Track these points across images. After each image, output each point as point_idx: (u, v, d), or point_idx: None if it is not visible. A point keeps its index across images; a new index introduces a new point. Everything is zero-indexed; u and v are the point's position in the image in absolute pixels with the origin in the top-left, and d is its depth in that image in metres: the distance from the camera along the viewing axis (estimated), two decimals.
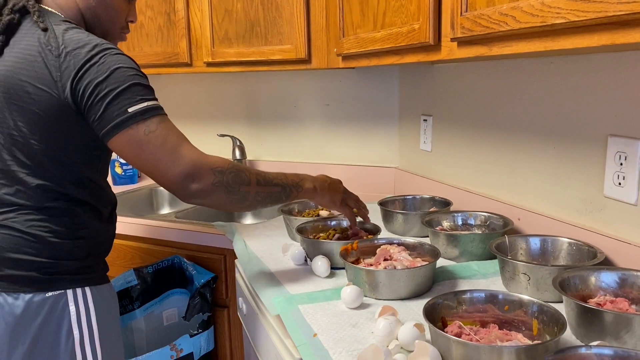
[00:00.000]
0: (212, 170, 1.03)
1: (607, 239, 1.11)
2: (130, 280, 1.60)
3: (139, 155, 1.01)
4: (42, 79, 1.01)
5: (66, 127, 1.05)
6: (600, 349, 0.71)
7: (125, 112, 1.00)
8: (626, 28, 0.68)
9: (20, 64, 1.03)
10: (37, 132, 1.04)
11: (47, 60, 1.02)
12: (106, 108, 1.00)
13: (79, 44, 1.02)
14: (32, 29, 1.06)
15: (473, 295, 0.92)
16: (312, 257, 1.26)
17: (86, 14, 1.16)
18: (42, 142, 1.05)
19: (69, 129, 1.05)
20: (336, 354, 0.87)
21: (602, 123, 1.13)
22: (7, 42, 1.07)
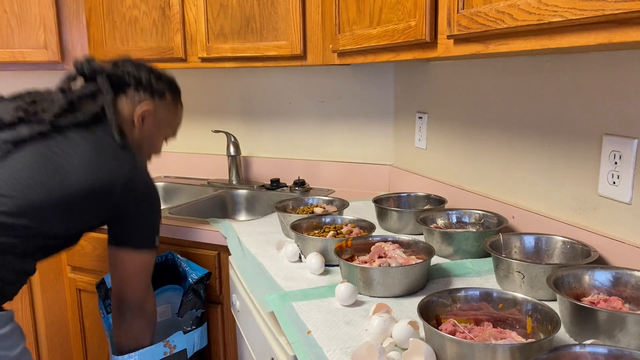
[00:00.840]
0: (153, 310, 1.39)
1: (601, 238, 1.12)
2: None
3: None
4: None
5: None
6: (594, 347, 0.72)
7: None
8: (623, 27, 0.68)
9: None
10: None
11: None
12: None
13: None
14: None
15: (467, 293, 0.92)
16: (307, 254, 1.26)
17: (135, 142, 1.34)
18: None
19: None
20: (330, 351, 0.86)
21: (597, 122, 1.13)
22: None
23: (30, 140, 1.17)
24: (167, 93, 1.41)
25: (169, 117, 1.43)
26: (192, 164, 2.43)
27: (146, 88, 1.35)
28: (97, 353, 1.91)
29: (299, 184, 2.12)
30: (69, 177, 1.16)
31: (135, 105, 1.33)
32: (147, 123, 1.36)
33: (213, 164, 2.39)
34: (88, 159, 1.19)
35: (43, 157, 1.16)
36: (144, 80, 1.34)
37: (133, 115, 1.33)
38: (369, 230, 1.35)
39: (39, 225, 1.15)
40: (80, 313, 1.93)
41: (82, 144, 1.20)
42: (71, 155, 1.17)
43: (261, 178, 2.30)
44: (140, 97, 1.34)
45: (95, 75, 1.29)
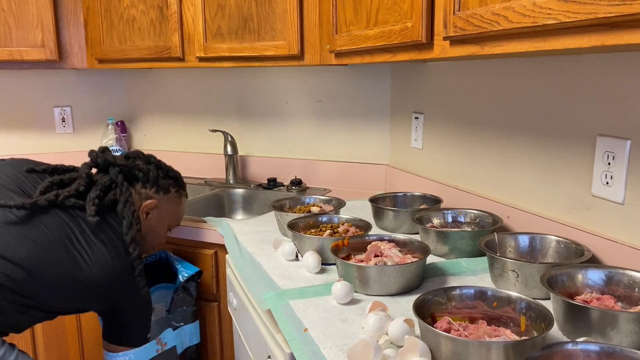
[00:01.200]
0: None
1: (594, 238, 1.13)
2: None
3: None
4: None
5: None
6: (586, 345, 0.73)
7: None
8: (616, 30, 0.69)
9: None
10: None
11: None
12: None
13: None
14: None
15: (462, 291, 0.93)
16: (303, 252, 1.27)
17: (140, 234, 1.37)
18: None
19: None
20: (326, 348, 0.87)
21: (591, 123, 1.14)
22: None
23: (49, 211, 1.23)
24: (172, 189, 1.47)
25: (173, 210, 1.49)
26: (189, 163, 2.44)
27: (153, 184, 1.42)
28: (94, 351, 1.91)
29: (296, 183, 2.13)
30: (81, 269, 1.20)
31: (142, 200, 1.40)
32: (151, 217, 1.43)
33: (210, 163, 2.40)
34: (102, 256, 1.23)
35: (63, 243, 1.20)
36: (152, 176, 1.41)
37: (139, 210, 1.39)
38: (365, 229, 1.36)
39: (38, 299, 1.19)
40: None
41: (98, 238, 1.25)
42: (87, 249, 1.22)
43: (258, 177, 2.31)
44: (147, 193, 1.41)
45: (108, 167, 1.37)
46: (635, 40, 0.66)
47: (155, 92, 2.51)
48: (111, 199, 1.32)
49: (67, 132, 2.48)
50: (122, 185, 1.34)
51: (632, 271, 0.96)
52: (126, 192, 1.34)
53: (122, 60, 2.08)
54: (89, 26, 2.11)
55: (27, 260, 1.15)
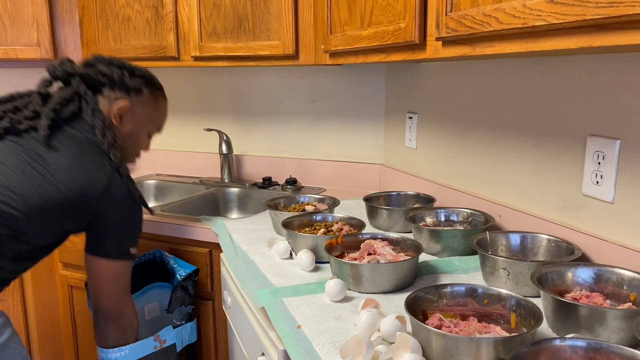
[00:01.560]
0: (130, 320, 1.36)
1: (584, 236, 1.14)
2: None
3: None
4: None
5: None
6: (574, 341, 0.74)
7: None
8: (603, 32, 0.70)
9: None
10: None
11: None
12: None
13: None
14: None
15: (453, 289, 0.94)
16: (297, 251, 1.28)
17: (117, 140, 1.31)
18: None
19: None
20: (319, 345, 0.88)
21: (582, 123, 1.16)
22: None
23: (4, 138, 1.18)
24: (144, 88, 1.38)
25: (149, 112, 1.41)
26: (184, 162, 2.44)
27: (120, 86, 1.33)
28: (89, 349, 1.92)
29: (291, 182, 2.14)
30: (47, 187, 1.17)
31: (111, 104, 1.32)
32: (126, 121, 1.36)
33: (205, 162, 2.40)
34: (67, 167, 1.19)
35: (22, 166, 1.16)
36: (117, 78, 1.33)
37: (110, 115, 1.32)
38: (359, 228, 1.37)
39: (20, 233, 1.16)
40: (71, 310, 1.93)
41: (62, 152, 1.20)
42: (50, 163, 1.18)
43: (253, 176, 2.32)
44: (116, 95, 1.33)
45: (69, 78, 1.30)
46: (622, 41, 0.68)
47: None
48: (71, 110, 1.25)
49: None
50: (85, 94, 1.27)
51: (620, 269, 0.98)
52: (92, 101, 1.27)
53: None
54: (85, 25, 2.11)
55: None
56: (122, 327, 1.35)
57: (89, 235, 1.29)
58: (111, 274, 1.30)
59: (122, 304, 1.34)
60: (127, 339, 1.36)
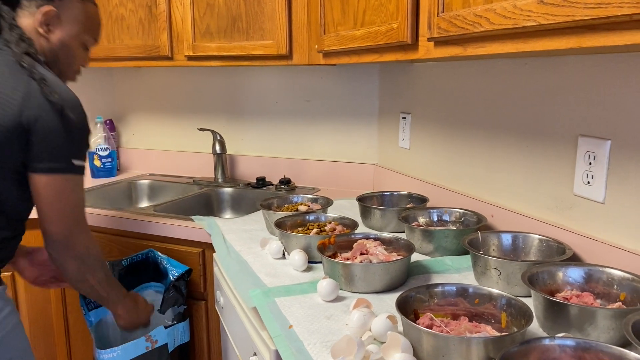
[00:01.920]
0: (86, 247, 1.24)
1: (575, 236, 1.15)
2: None
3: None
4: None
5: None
6: (563, 340, 0.74)
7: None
8: (592, 32, 0.71)
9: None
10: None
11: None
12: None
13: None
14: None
15: (445, 288, 0.94)
16: (290, 251, 1.28)
17: (47, 54, 1.23)
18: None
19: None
20: (311, 344, 0.88)
21: (573, 123, 1.16)
22: None
23: None
24: None
25: (79, 18, 1.27)
26: (177, 162, 2.44)
27: None
28: (82, 349, 1.91)
29: (285, 182, 2.14)
30: None
31: (34, 14, 1.20)
32: (54, 30, 1.23)
33: (199, 162, 2.40)
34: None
35: None
36: None
37: (35, 26, 1.21)
38: (351, 227, 1.37)
39: None
40: (64, 310, 1.92)
41: None
42: None
43: (247, 176, 2.32)
44: (37, 3, 1.21)
45: None
46: (610, 42, 0.68)
47: (144, 90, 2.51)
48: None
49: None
50: (1, 9, 1.17)
51: (611, 269, 0.98)
52: (8, 15, 1.17)
53: (110, 58, 2.08)
54: None
55: None
56: (78, 256, 1.23)
57: (29, 153, 1.14)
58: (56, 191, 1.16)
59: (73, 228, 1.20)
60: (89, 268, 1.25)
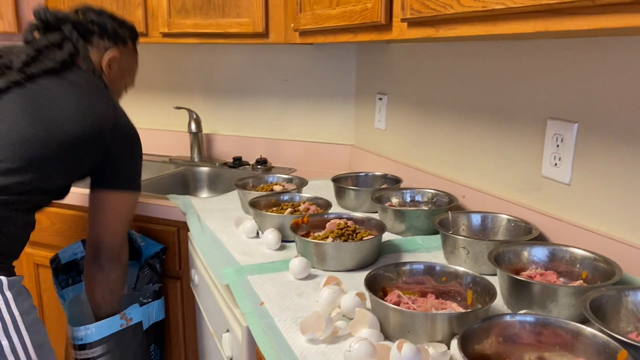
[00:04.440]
0: (126, 258, 1.42)
1: (542, 217, 1.18)
2: (77, 252, 1.59)
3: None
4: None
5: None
6: (524, 316, 0.77)
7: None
8: (558, 16, 0.72)
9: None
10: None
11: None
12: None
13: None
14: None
15: (412, 267, 0.96)
16: (264, 230, 1.29)
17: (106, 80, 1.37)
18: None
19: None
20: (281, 321, 0.90)
21: (543, 106, 1.19)
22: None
23: (7, 91, 1.17)
24: (129, 40, 1.43)
25: (131, 63, 1.47)
26: (153, 140, 2.42)
27: (110, 36, 1.36)
28: (55, 327, 1.91)
29: (261, 162, 2.14)
30: (61, 126, 1.17)
31: (102, 53, 1.35)
32: (113, 70, 1.38)
33: (174, 140, 2.38)
34: (75, 105, 1.20)
35: (28, 110, 1.15)
36: (109, 28, 1.35)
37: (101, 63, 1.35)
38: (325, 207, 1.38)
39: (37, 181, 1.15)
40: (38, 288, 1.91)
41: (63, 91, 1.20)
42: (57, 104, 1.18)
43: (223, 156, 2.31)
44: (105, 44, 1.36)
45: (59, 24, 1.29)
46: (574, 26, 0.69)
47: None
48: (63, 56, 1.25)
49: None
50: (77, 42, 1.28)
51: (574, 248, 1.01)
52: (84, 49, 1.29)
53: None
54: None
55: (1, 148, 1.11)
56: (122, 265, 1.39)
57: (99, 171, 1.29)
58: (122, 207, 1.33)
59: (124, 244, 1.39)
60: (124, 279, 1.40)
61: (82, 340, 1.35)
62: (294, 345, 0.83)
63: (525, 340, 0.75)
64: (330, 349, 0.82)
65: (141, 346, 1.48)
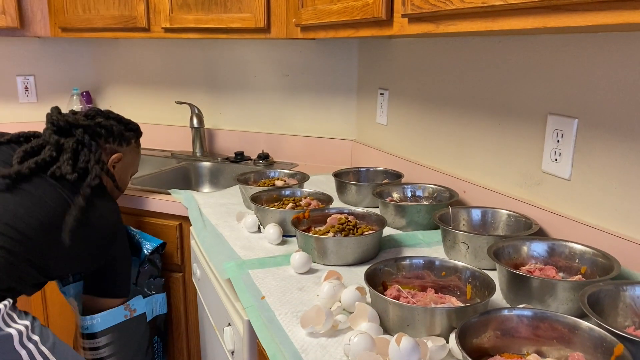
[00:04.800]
0: None
1: (542, 212, 1.19)
2: None
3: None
4: None
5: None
6: (522, 310, 0.78)
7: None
8: (556, 13, 0.72)
9: None
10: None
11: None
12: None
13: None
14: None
15: (412, 261, 0.97)
16: (265, 225, 1.30)
17: (108, 184, 1.46)
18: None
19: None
20: (282, 315, 0.91)
21: (543, 101, 1.19)
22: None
23: (36, 181, 1.27)
24: (133, 140, 1.54)
25: (135, 159, 1.58)
26: (155, 135, 2.42)
27: (116, 138, 1.46)
28: (58, 321, 1.92)
29: (263, 157, 2.15)
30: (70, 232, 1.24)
31: (108, 155, 1.45)
32: (118, 168, 1.49)
33: (177, 135, 2.39)
34: (85, 215, 1.28)
35: (63, 207, 1.26)
36: (116, 132, 1.46)
37: (107, 164, 1.45)
38: (326, 202, 1.39)
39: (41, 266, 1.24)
40: None
41: (77, 199, 1.28)
42: (70, 209, 1.26)
43: (225, 151, 2.32)
44: (111, 147, 1.46)
45: (70, 128, 1.37)
46: (573, 23, 0.70)
47: (121, 62, 2.48)
48: (84, 163, 1.35)
49: (31, 102, 2.44)
50: (89, 145, 1.37)
51: (573, 243, 1.02)
52: (97, 152, 1.38)
53: (86, 29, 2.05)
54: None
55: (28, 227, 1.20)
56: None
57: (95, 278, 1.41)
58: (115, 305, 1.44)
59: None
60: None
61: (89, 329, 1.38)
62: (294, 338, 0.84)
63: (523, 334, 0.76)
64: (330, 342, 0.83)
65: (144, 337, 1.51)
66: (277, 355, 0.81)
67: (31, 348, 1.13)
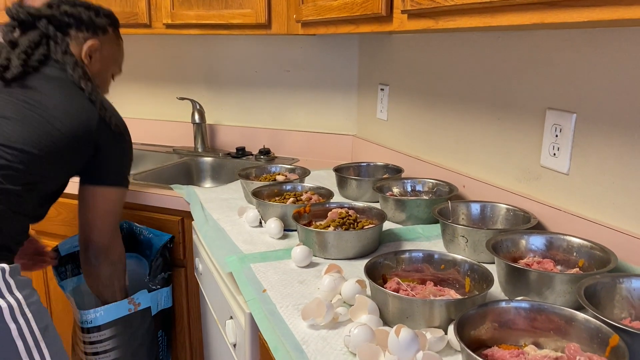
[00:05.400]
0: (119, 254, 1.42)
1: (541, 206, 1.20)
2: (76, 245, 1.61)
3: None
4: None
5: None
6: (519, 302, 0.79)
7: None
8: (554, 9, 0.73)
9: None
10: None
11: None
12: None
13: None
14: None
15: (411, 255, 0.98)
16: (267, 219, 1.31)
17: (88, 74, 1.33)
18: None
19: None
20: (283, 307, 0.92)
21: (542, 96, 1.20)
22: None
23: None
24: (109, 27, 1.40)
25: (114, 52, 1.44)
26: (157, 131, 2.44)
27: (88, 26, 1.34)
28: (61, 316, 1.94)
29: (264, 152, 2.16)
30: (51, 127, 1.18)
31: (81, 45, 1.33)
32: (95, 60, 1.37)
33: (178, 131, 2.40)
34: (63, 105, 1.21)
35: (19, 113, 1.17)
36: (85, 19, 1.33)
37: (81, 55, 1.33)
38: (327, 197, 1.40)
39: (34, 179, 1.17)
40: (44, 277, 1.94)
41: (50, 92, 1.21)
42: (45, 105, 1.19)
43: (227, 146, 2.33)
44: (84, 35, 1.34)
45: (34, 21, 1.28)
46: (570, 19, 0.71)
47: None
48: (42, 53, 1.25)
49: None
50: (55, 36, 1.28)
51: (571, 237, 1.03)
52: (63, 43, 1.28)
53: None
54: None
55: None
56: (113, 262, 1.39)
57: (89, 167, 1.30)
58: (108, 202, 1.33)
59: (113, 237, 1.38)
60: (118, 274, 1.40)
61: (91, 323, 1.38)
62: (295, 330, 0.85)
63: (520, 325, 0.77)
64: (330, 334, 0.84)
65: (149, 331, 1.51)
66: (278, 347, 0.82)
67: (22, 324, 1.07)
